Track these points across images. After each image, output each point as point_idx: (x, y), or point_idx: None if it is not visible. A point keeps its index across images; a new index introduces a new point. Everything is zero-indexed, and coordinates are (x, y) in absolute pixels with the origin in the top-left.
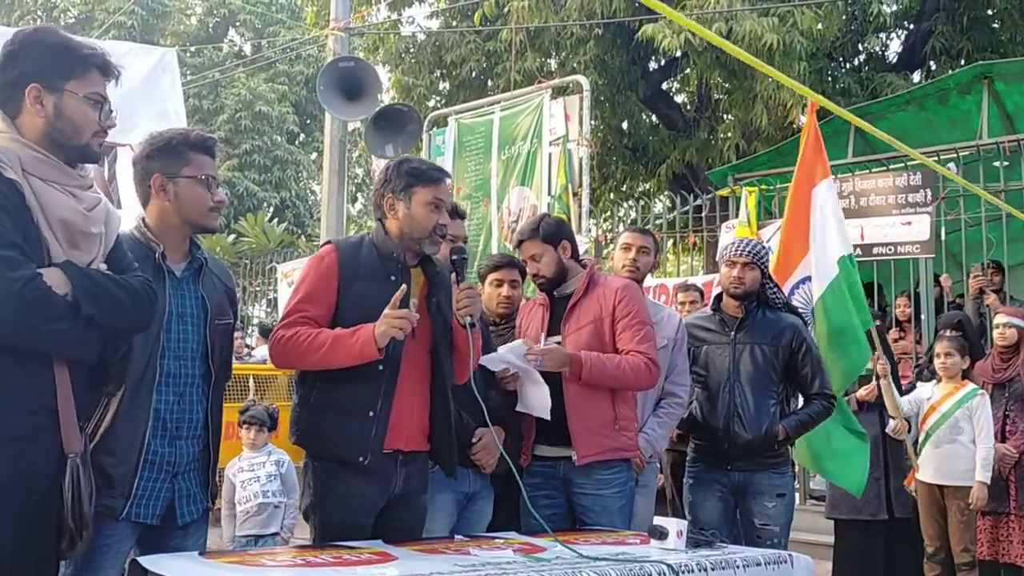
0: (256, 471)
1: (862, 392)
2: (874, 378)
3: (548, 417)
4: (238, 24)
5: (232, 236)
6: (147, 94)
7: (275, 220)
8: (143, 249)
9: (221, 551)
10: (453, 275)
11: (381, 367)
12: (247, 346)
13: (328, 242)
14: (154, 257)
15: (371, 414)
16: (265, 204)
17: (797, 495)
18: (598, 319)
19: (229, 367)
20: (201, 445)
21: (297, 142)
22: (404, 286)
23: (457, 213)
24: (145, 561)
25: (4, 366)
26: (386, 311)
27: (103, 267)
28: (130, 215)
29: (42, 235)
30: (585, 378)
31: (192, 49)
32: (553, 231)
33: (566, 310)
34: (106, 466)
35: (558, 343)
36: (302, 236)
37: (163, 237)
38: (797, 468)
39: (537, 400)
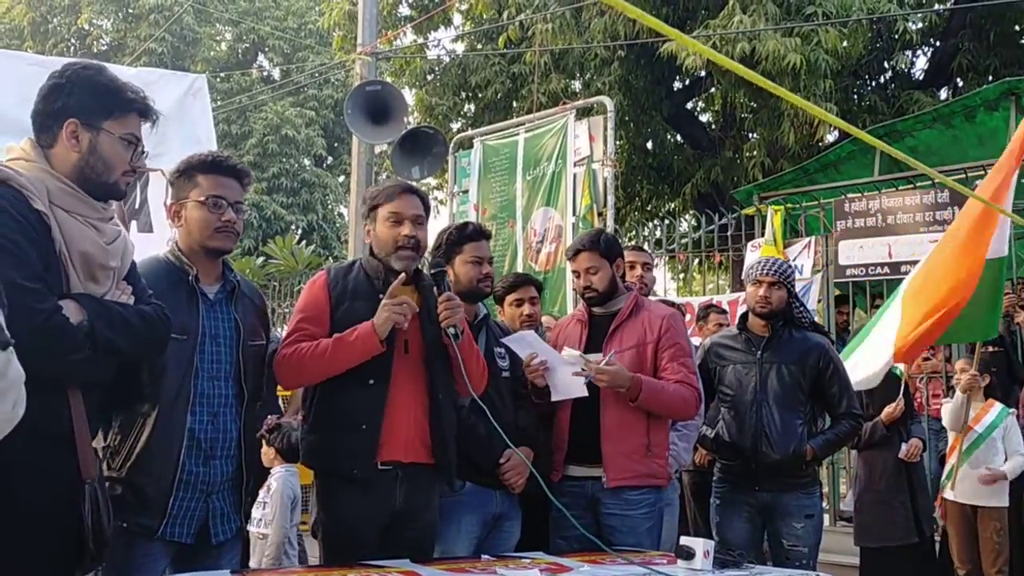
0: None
1: (888, 411)
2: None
3: (586, 394)
4: (267, 50)
5: (261, 258)
6: (178, 120)
7: (303, 242)
8: (177, 272)
9: (251, 570)
10: (434, 288)
11: (371, 381)
12: None
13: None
14: (187, 280)
15: (363, 427)
16: (293, 227)
17: (827, 516)
18: (642, 344)
19: (262, 388)
20: (235, 465)
21: (325, 165)
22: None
23: (483, 235)
24: None
25: None
26: (384, 300)
27: (125, 297)
28: (162, 239)
29: (62, 266)
30: (641, 400)
31: (222, 75)
32: (611, 246)
33: (609, 329)
34: (141, 485)
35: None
36: (330, 258)
37: (194, 260)
38: (826, 489)
39: (571, 382)
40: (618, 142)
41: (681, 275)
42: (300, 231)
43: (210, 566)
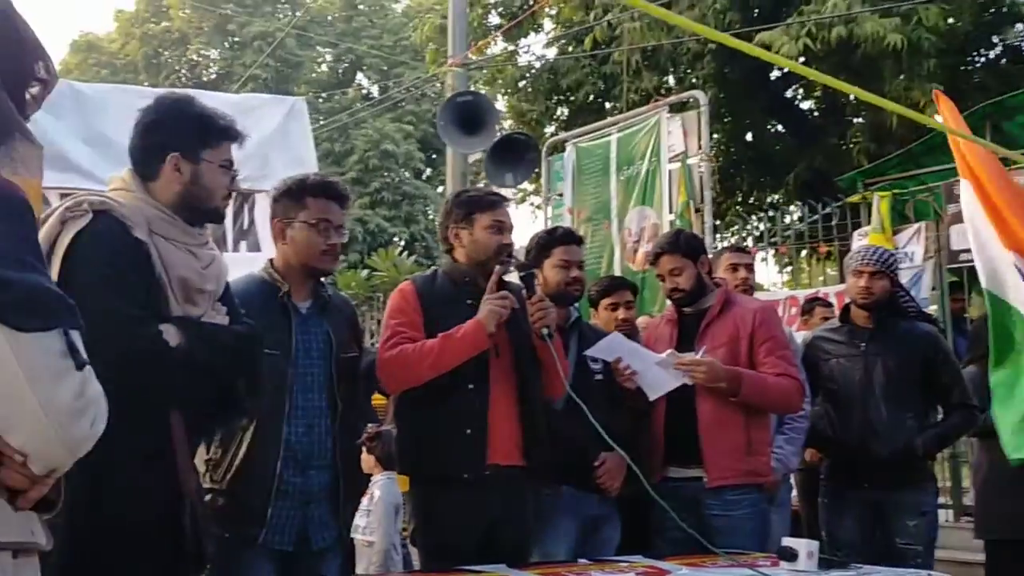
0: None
1: None
2: None
3: (685, 381)
4: (365, 68)
5: (365, 271)
6: (280, 142)
7: (405, 254)
8: (270, 289)
9: None
10: (523, 291)
11: (471, 385)
12: None
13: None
14: (279, 296)
15: (468, 432)
16: (395, 238)
17: (950, 512)
18: (734, 339)
19: (356, 398)
20: (331, 474)
21: (424, 177)
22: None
23: (573, 239)
24: None
25: (121, 414)
26: (486, 296)
27: (220, 318)
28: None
29: (163, 291)
30: (743, 395)
31: (324, 95)
32: (693, 245)
33: (700, 328)
34: (242, 496)
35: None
36: (432, 267)
37: (288, 277)
38: (948, 483)
39: (664, 377)
40: (715, 136)
41: (787, 268)
42: (403, 243)
43: (312, 572)
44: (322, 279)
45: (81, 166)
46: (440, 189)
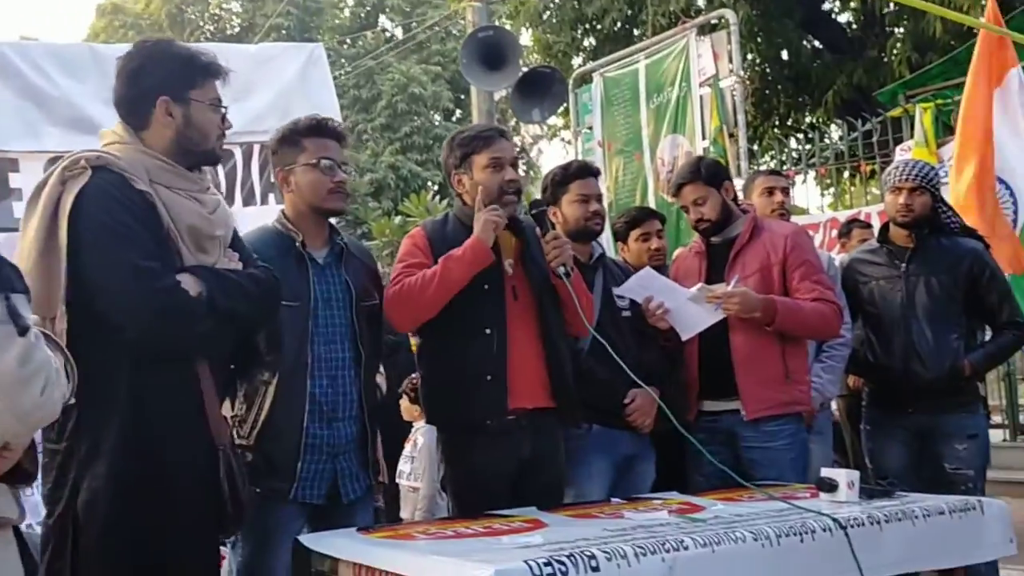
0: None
1: None
2: None
3: (720, 317)
4: (387, 10)
5: (399, 218)
6: (301, 91)
7: (438, 198)
8: (284, 240)
9: (377, 526)
10: (537, 228)
11: (488, 330)
12: None
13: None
14: (295, 246)
15: (488, 378)
16: (429, 183)
17: (1005, 431)
18: (766, 266)
19: (380, 347)
20: (358, 425)
21: (454, 119)
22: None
23: (589, 171)
24: (306, 540)
25: (150, 370)
26: (477, 212)
27: (234, 263)
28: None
29: (173, 242)
30: (779, 323)
31: (348, 40)
32: (714, 172)
33: (730, 257)
34: (269, 451)
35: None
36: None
37: (300, 226)
38: (1003, 403)
39: (698, 315)
40: (748, 56)
41: (830, 190)
42: (436, 187)
43: (344, 524)
44: (337, 229)
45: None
46: None
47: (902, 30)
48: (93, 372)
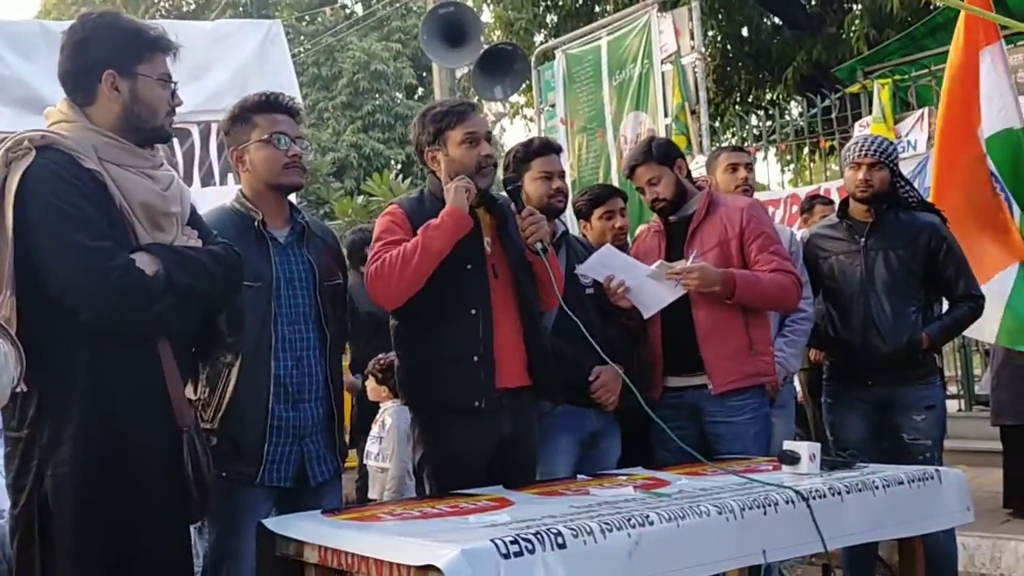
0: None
1: None
2: None
3: (681, 293)
4: None
5: (362, 197)
6: (259, 68)
7: (401, 177)
8: (244, 219)
9: (342, 508)
10: (512, 205)
11: (474, 311)
12: None
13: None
14: (254, 225)
15: (475, 358)
16: (392, 161)
17: (961, 401)
18: (724, 241)
19: (344, 327)
20: (325, 407)
21: (416, 96)
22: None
23: (551, 148)
24: (270, 523)
25: (110, 352)
26: (445, 186)
27: (193, 241)
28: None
29: (126, 220)
30: (739, 296)
31: (307, 17)
32: (666, 151)
33: (688, 234)
34: (234, 434)
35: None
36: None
37: (259, 205)
38: (958, 374)
39: (659, 292)
40: (709, 33)
41: (790, 166)
42: (399, 165)
43: (313, 507)
44: (297, 208)
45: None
46: None
47: (860, 7)
48: (51, 357)
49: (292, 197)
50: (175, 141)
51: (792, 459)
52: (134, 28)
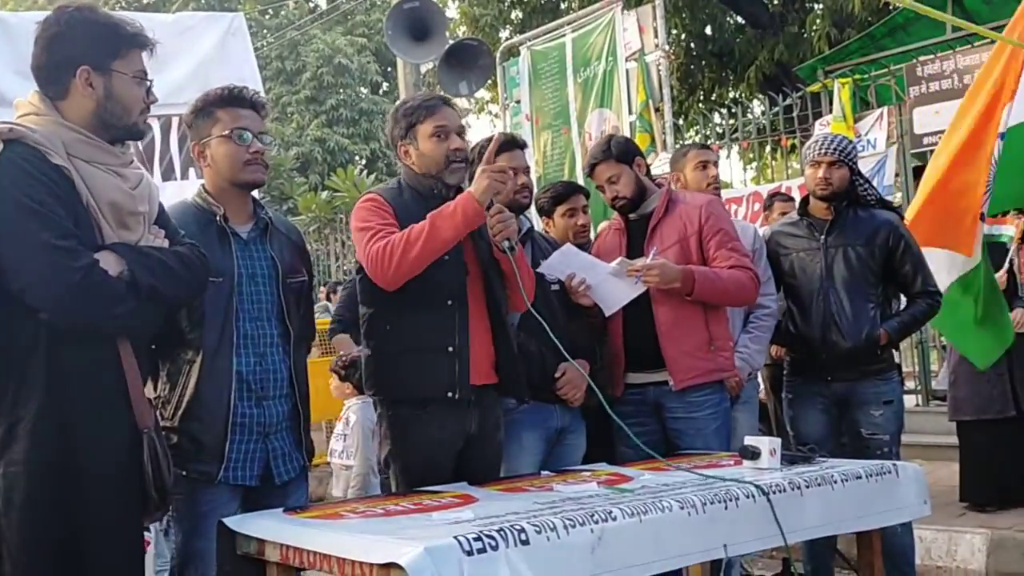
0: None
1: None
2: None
3: (642, 290)
4: None
5: (326, 193)
6: (222, 62)
7: (365, 172)
8: (206, 214)
9: (304, 506)
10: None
11: (450, 302)
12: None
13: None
14: (216, 220)
15: (450, 349)
16: (356, 157)
17: (918, 397)
18: (683, 238)
19: (309, 324)
20: (289, 404)
21: (381, 92)
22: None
23: (515, 144)
24: (230, 521)
25: (69, 351)
26: (482, 166)
27: (159, 241)
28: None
29: (92, 218)
30: (697, 292)
31: (270, 10)
32: (625, 148)
33: (648, 231)
34: (196, 432)
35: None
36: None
37: (221, 200)
38: (916, 369)
39: (620, 290)
40: (673, 31)
41: (753, 163)
42: (364, 160)
43: (277, 505)
44: (261, 204)
45: (16, 99)
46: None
47: (821, 6)
48: (9, 354)
49: (255, 192)
50: None
51: (753, 454)
52: (111, 23)
